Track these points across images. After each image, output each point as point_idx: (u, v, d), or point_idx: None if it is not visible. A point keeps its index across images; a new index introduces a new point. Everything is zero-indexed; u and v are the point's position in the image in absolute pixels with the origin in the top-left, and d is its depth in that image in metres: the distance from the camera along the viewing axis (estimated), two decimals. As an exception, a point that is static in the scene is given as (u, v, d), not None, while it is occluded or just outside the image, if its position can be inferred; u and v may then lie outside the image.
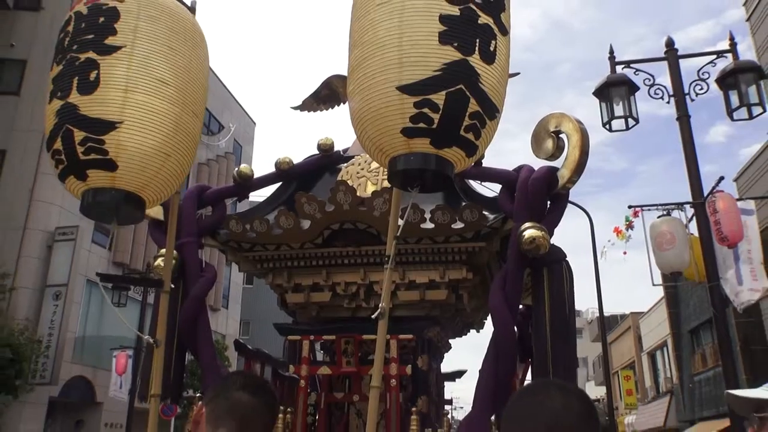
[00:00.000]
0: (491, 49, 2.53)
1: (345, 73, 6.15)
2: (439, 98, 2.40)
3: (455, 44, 2.43)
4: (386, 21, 2.49)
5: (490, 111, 2.54)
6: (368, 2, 2.60)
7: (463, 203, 4.50)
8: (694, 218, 9.79)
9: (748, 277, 9.62)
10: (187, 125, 2.93)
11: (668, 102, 9.89)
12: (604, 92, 10.01)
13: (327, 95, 6.13)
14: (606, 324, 22.98)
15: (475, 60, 2.46)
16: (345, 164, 5.29)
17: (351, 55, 2.67)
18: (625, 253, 16.14)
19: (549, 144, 3.74)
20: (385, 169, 2.69)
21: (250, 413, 1.87)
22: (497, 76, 2.55)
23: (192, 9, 3.19)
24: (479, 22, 2.50)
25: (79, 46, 2.71)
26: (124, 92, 2.68)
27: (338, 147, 5.41)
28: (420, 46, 2.42)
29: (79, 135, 2.61)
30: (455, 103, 2.42)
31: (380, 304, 3.00)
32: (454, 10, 2.46)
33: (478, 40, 2.48)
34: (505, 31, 2.61)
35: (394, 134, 2.47)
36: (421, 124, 2.42)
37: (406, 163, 2.50)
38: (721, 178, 10.11)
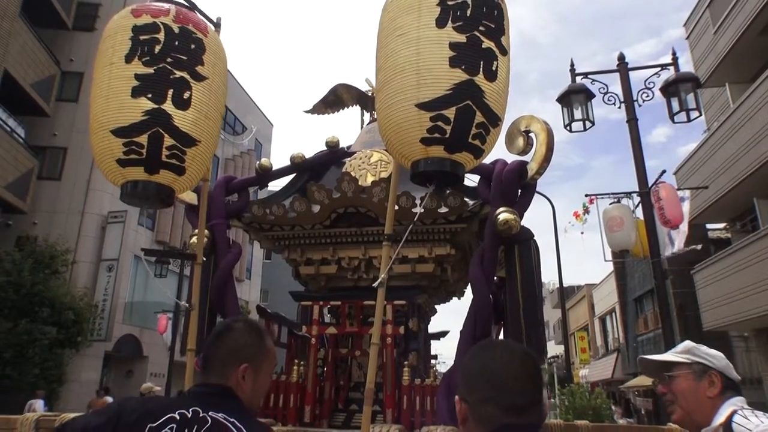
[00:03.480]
0: (493, 68, 2.55)
1: (350, 82, 6.12)
2: (450, 113, 2.44)
3: (463, 67, 2.46)
4: (404, 49, 2.52)
5: (493, 120, 2.57)
6: (389, 34, 2.63)
7: (448, 191, 4.48)
8: (640, 205, 9.80)
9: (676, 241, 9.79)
10: (217, 143, 3.05)
11: (619, 107, 9.88)
12: (565, 99, 10.00)
13: (333, 101, 6.09)
14: (564, 293, 23.04)
15: (479, 79, 2.49)
16: (349, 159, 5.25)
17: (377, 78, 2.70)
18: (582, 233, 16.15)
19: (520, 141, 3.71)
20: (408, 169, 2.70)
21: (207, 361, 1.87)
22: (499, 90, 2.58)
23: (217, 25, 3.15)
24: (483, 46, 2.53)
25: (174, 61, 2.68)
26: (205, 118, 2.74)
27: (343, 144, 5.38)
28: (433, 69, 2.45)
29: (168, 141, 2.62)
30: (464, 116, 2.46)
31: (382, 276, 2.98)
32: (461, 38, 2.48)
33: (482, 62, 2.51)
34: (505, 52, 2.62)
35: (415, 143, 2.51)
36: (436, 135, 2.46)
37: (425, 166, 2.54)
38: (663, 172, 10.16)
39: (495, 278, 3.99)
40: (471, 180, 4.65)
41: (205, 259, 3.86)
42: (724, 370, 2.06)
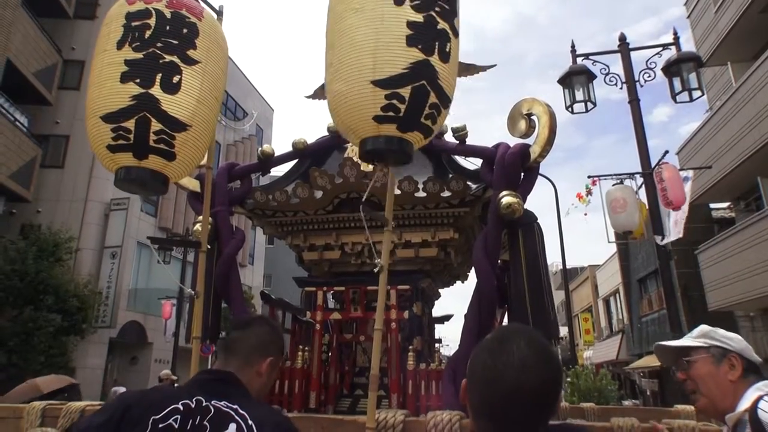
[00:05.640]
0: (447, 50, 2.52)
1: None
2: (405, 92, 2.40)
3: (419, 46, 2.42)
4: (362, 26, 2.46)
5: (445, 102, 2.55)
6: (345, 10, 2.56)
7: (450, 175, 4.47)
8: (643, 186, 9.78)
9: (672, 227, 9.57)
10: (214, 130, 3.02)
11: (621, 88, 9.84)
12: (566, 80, 9.97)
13: (335, 85, 6.05)
14: (568, 275, 23.07)
15: (434, 60, 2.45)
16: (351, 143, 5.24)
17: (328, 53, 2.63)
18: (585, 214, 16.17)
19: (522, 124, 3.70)
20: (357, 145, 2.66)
21: (233, 344, 1.94)
22: (450, 72, 2.56)
23: (219, 13, 3.13)
24: (438, 27, 2.49)
25: (164, 46, 2.64)
26: (197, 102, 2.69)
27: (345, 129, 5.36)
28: (391, 47, 2.41)
29: (156, 125, 2.57)
30: (418, 95, 2.43)
31: (379, 261, 2.96)
32: (419, 17, 2.44)
33: (437, 43, 2.47)
34: (456, 34, 2.61)
35: (367, 120, 2.46)
36: (390, 113, 2.42)
37: (374, 143, 2.50)
38: (666, 152, 10.12)
39: (499, 262, 3.99)
40: (474, 163, 4.65)
41: (209, 246, 3.86)
42: (744, 352, 2.02)
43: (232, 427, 1.67)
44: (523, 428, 1.29)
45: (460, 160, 4.91)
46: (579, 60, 10.27)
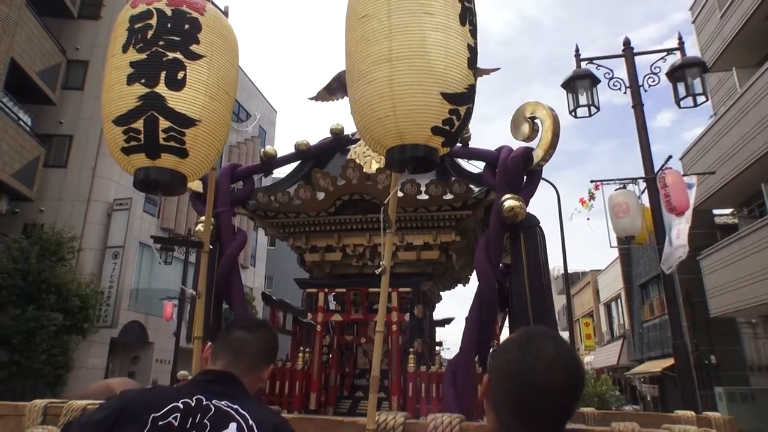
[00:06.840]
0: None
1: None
2: (462, 110, 2.44)
3: (473, 72, 2.46)
4: (434, 32, 2.40)
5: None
6: (414, 6, 2.43)
7: (453, 178, 4.47)
8: (646, 191, 9.76)
9: (675, 239, 9.39)
10: (229, 126, 2.98)
11: (624, 92, 9.83)
12: (570, 84, 9.97)
13: (337, 87, 6.06)
14: (569, 279, 23.02)
15: (474, 85, 2.51)
16: (353, 145, 5.25)
17: (378, 45, 2.47)
18: (588, 219, 16.12)
19: (525, 128, 3.70)
20: (379, 152, 2.60)
21: (243, 346, 1.94)
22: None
23: (224, 14, 3.14)
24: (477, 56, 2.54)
25: (167, 43, 2.63)
26: (205, 97, 2.67)
27: (347, 131, 5.37)
28: (458, 65, 2.41)
29: (164, 123, 2.56)
30: (467, 116, 2.49)
31: (382, 263, 2.96)
32: (473, 42, 2.49)
33: (474, 71, 2.51)
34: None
35: (425, 128, 2.42)
36: (447, 127, 2.43)
37: (401, 152, 2.47)
38: (670, 157, 10.10)
39: (500, 265, 3.99)
40: (476, 166, 4.66)
41: (211, 246, 3.86)
42: None
43: (233, 426, 1.67)
44: (547, 425, 1.31)
45: (463, 163, 4.92)
46: (583, 64, 10.28)
